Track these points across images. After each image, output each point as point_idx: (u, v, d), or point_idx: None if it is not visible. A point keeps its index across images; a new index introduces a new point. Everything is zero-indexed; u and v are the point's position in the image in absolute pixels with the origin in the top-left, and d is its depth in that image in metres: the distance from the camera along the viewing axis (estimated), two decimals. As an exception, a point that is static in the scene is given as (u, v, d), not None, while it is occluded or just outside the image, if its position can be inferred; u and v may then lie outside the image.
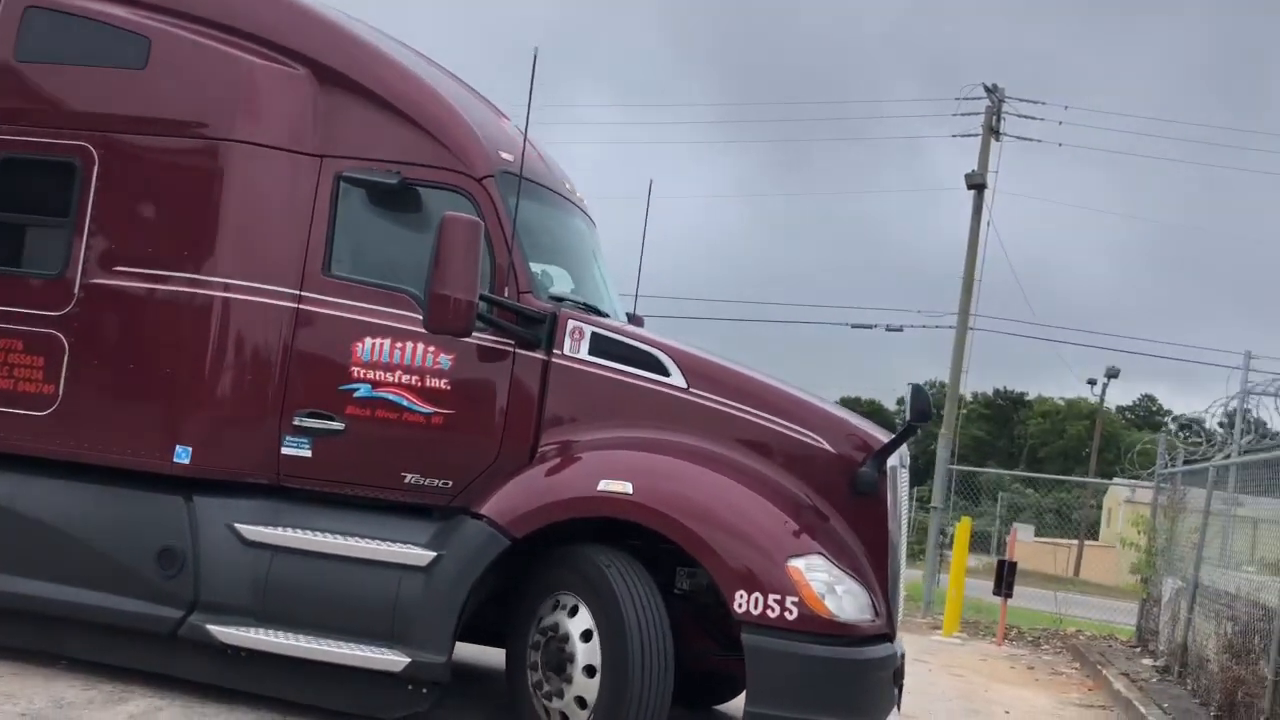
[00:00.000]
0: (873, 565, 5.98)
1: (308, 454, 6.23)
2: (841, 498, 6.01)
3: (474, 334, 5.94)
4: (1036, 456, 63.50)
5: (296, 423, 6.24)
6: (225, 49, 6.49)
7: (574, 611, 5.74)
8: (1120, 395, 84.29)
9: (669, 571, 6.02)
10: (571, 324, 6.15)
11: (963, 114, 27.67)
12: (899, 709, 6.46)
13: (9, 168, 6.64)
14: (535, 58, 6.07)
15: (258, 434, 6.27)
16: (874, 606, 5.83)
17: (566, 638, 5.70)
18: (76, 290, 6.41)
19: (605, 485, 5.75)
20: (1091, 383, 50.53)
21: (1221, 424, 11.37)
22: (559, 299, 6.40)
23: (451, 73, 7.23)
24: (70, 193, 6.47)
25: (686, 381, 6.07)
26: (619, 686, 5.50)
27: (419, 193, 6.29)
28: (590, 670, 5.61)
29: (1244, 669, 8.57)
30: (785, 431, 6.05)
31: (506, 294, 6.11)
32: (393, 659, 5.76)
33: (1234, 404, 11.41)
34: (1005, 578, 14.06)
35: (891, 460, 6.14)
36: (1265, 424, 9.03)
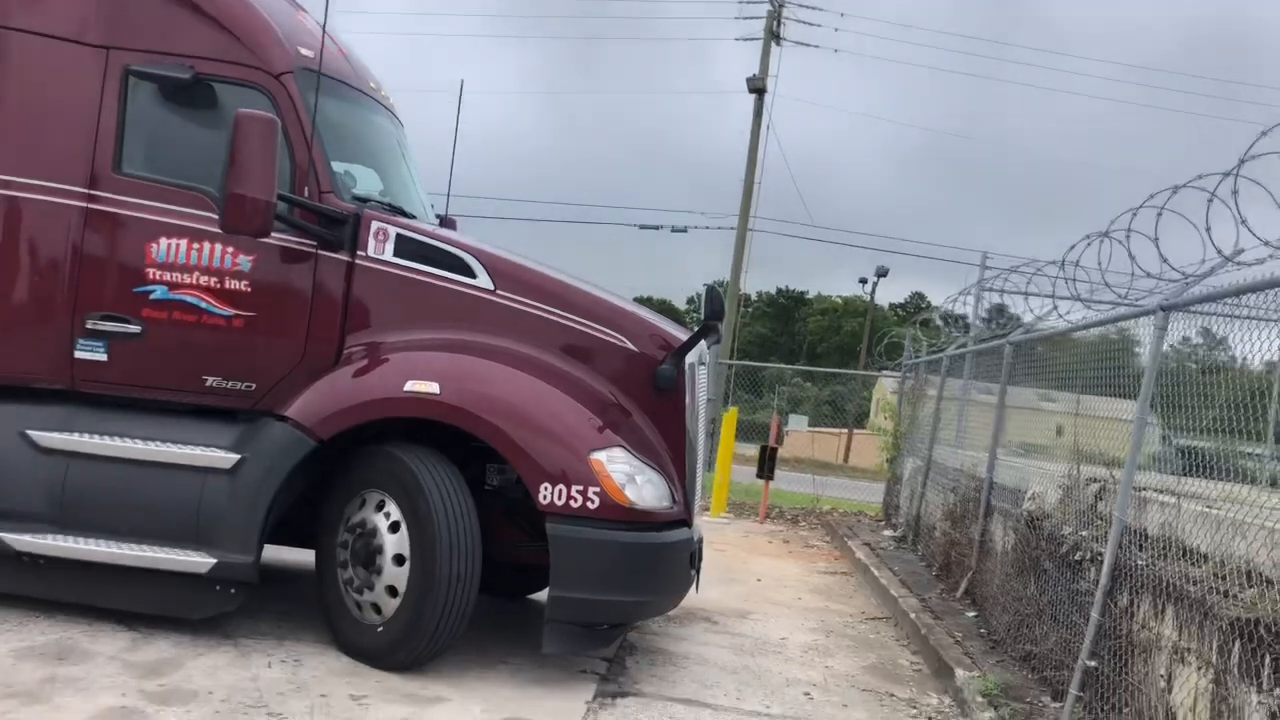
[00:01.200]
0: (671, 456, 6.31)
1: (103, 358, 6.09)
2: (643, 394, 6.29)
3: (274, 235, 5.89)
4: (815, 352, 66.34)
5: (90, 326, 6.07)
6: None
7: (380, 506, 5.88)
8: (893, 293, 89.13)
9: (480, 470, 6.20)
10: (375, 225, 6.15)
11: (745, 18, 28.13)
12: (697, 589, 6.90)
13: None
14: (332, -48, 5.94)
15: (46, 338, 6.07)
16: (672, 495, 6.18)
17: (375, 531, 5.84)
18: None
19: (412, 386, 5.85)
20: (863, 281, 52.75)
21: (983, 318, 12.29)
22: (363, 200, 6.37)
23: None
24: None
25: (494, 284, 6.19)
26: (428, 571, 5.68)
27: (214, 89, 6.12)
28: (399, 559, 5.78)
29: (958, 533, 9.57)
30: (590, 331, 6.26)
31: (307, 194, 6.05)
32: (199, 560, 5.79)
33: (970, 298, 12.44)
34: (767, 462, 15.02)
35: (690, 358, 6.45)
36: (1019, 317, 9.86)
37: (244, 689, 5.21)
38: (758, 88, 27.43)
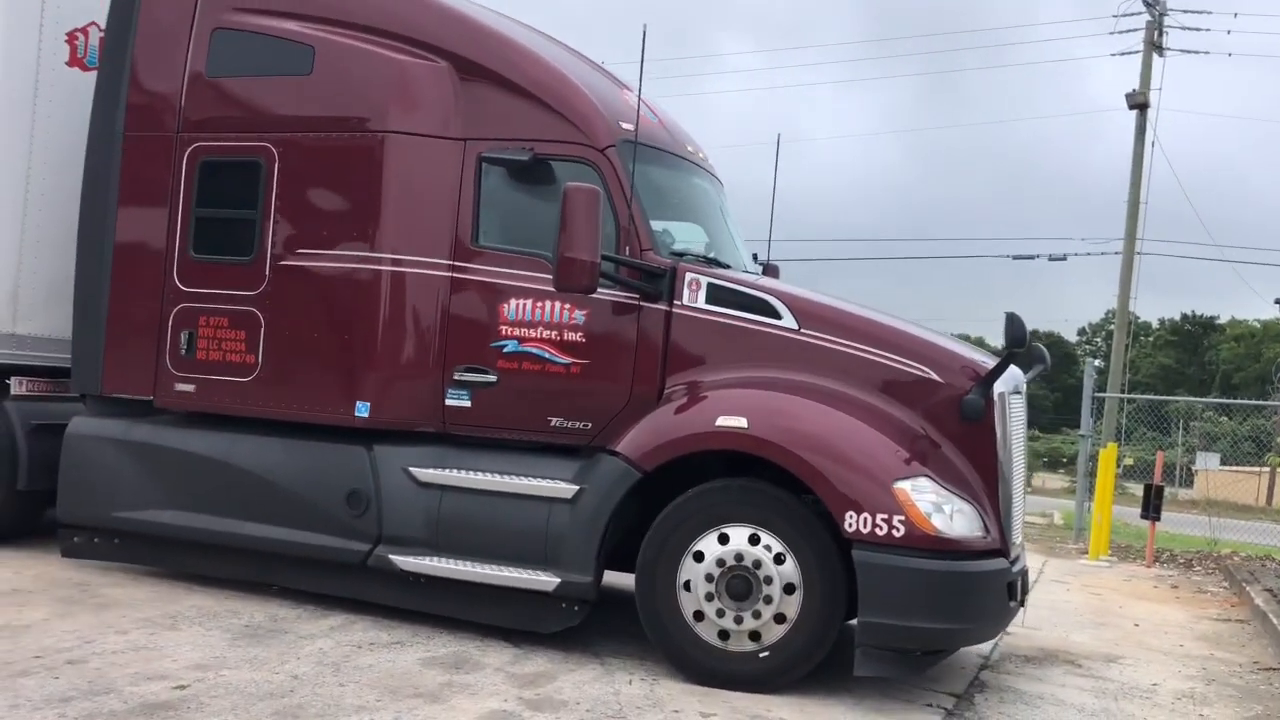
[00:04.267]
0: (984, 488, 6.35)
1: (467, 404, 7.06)
2: (952, 425, 6.40)
3: (601, 290, 6.60)
4: (1231, 382, 59.60)
5: (457, 377, 7.07)
6: (378, 50, 7.32)
7: (755, 540, 6.20)
8: (1326, 313, 78.90)
9: None
10: (689, 276, 6.73)
11: (1121, 31, 26.81)
12: (1023, 623, 6.82)
13: (209, 170, 7.69)
14: (644, 35, 6.64)
15: (425, 388, 7.13)
16: (985, 525, 6.23)
17: (758, 563, 6.18)
18: (267, 272, 7.41)
19: (723, 421, 6.33)
20: (1278, 302, 47.49)
21: None
22: (679, 254, 6.99)
23: (574, 50, 7.88)
24: (257, 187, 7.47)
25: (798, 323, 6.58)
26: (832, 600, 6.12)
27: (550, 166, 6.97)
28: (790, 588, 6.14)
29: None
30: (894, 364, 6.48)
31: (629, 253, 6.73)
32: (546, 580, 6.55)
33: None
34: (1152, 501, 14.14)
35: (1000, 387, 6.48)
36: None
37: (606, 701, 5.78)
38: (1139, 103, 26.05)
